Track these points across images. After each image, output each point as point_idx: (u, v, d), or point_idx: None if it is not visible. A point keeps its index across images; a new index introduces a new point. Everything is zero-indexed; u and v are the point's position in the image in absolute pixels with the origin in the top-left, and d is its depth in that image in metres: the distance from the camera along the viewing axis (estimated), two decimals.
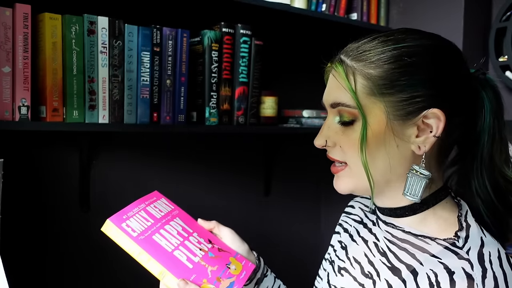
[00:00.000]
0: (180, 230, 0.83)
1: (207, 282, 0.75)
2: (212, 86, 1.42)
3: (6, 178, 0.92)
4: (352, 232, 0.86)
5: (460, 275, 0.62)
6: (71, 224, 1.44)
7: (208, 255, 0.80)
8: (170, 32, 1.32)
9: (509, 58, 1.68)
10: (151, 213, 0.83)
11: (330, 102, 0.71)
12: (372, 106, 0.66)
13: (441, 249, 0.67)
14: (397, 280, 0.69)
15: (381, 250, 0.75)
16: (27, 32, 1.09)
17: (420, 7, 1.79)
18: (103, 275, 1.50)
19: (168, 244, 0.78)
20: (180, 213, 0.89)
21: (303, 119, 1.68)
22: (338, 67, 0.69)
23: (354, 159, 0.69)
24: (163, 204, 0.88)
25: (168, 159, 1.61)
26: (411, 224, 0.71)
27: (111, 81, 1.23)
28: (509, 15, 1.69)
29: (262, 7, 1.45)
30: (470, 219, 0.70)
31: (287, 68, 1.86)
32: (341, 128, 0.70)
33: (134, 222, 0.78)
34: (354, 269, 0.78)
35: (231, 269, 0.80)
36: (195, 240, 0.82)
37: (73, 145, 1.43)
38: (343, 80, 0.68)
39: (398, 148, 0.67)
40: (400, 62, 0.66)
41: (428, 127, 0.66)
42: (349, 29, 1.76)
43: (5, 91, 1.08)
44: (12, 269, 0.88)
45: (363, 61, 0.67)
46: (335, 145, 0.71)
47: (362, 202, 0.90)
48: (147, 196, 0.88)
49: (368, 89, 0.66)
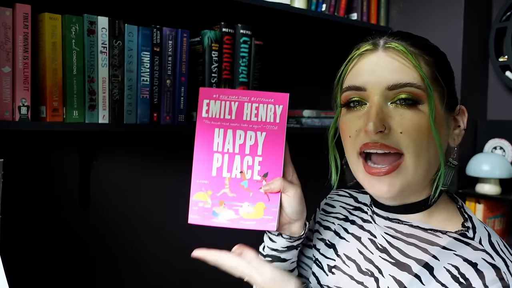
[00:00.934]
0: (247, 143, 0.73)
1: (210, 196, 0.73)
2: (212, 86, 1.42)
3: (6, 178, 0.92)
4: (337, 229, 0.83)
5: (484, 265, 0.61)
6: (71, 224, 1.44)
7: (241, 181, 0.74)
8: (170, 32, 1.32)
9: (509, 58, 1.68)
10: (242, 111, 0.73)
11: (390, 83, 0.65)
12: (433, 91, 0.66)
13: (451, 240, 0.67)
14: (407, 275, 0.67)
15: (380, 247, 0.73)
16: (27, 32, 1.09)
17: (420, 7, 1.79)
18: (103, 275, 1.50)
19: (220, 144, 0.73)
20: (276, 132, 0.74)
21: (303, 119, 1.68)
22: (401, 48, 0.66)
23: (414, 146, 0.64)
24: (269, 112, 0.74)
25: (168, 159, 1.61)
26: (418, 218, 0.70)
27: (111, 81, 1.23)
28: (509, 15, 1.69)
29: (262, 7, 1.45)
30: (468, 211, 0.72)
31: (287, 68, 1.86)
32: (398, 112, 0.65)
33: (216, 106, 0.73)
34: (349, 267, 0.77)
35: (243, 208, 0.73)
36: (249, 161, 0.73)
37: (73, 145, 1.43)
38: (411, 60, 0.65)
39: (445, 138, 0.69)
40: (443, 56, 0.71)
41: (457, 122, 0.71)
42: (349, 29, 1.76)
43: (5, 91, 1.08)
44: (12, 269, 0.88)
45: (420, 48, 0.68)
46: (390, 131, 0.65)
47: (342, 201, 0.88)
48: (269, 94, 0.74)
49: (431, 73, 0.67)
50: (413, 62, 0.65)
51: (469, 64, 1.69)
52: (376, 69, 0.67)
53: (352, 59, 0.70)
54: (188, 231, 1.61)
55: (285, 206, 0.73)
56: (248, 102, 0.73)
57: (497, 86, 1.78)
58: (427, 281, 0.65)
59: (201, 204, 0.73)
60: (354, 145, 0.68)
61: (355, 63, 0.70)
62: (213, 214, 0.73)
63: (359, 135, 0.67)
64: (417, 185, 0.67)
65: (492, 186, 1.63)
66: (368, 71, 0.67)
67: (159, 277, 1.59)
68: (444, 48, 0.76)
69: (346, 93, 0.70)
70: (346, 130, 0.70)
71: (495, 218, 1.69)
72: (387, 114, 0.65)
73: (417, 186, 0.68)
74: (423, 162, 0.65)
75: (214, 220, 0.73)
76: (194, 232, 1.66)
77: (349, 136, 0.69)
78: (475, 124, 1.77)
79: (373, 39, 0.70)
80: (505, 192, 1.64)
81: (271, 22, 1.64)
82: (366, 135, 0.65)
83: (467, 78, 1.68)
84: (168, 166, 1.61)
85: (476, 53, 1.73)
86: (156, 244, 1.59)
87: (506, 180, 1.66)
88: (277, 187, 0.72)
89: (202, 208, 0.73)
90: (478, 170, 1.63)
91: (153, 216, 1.59)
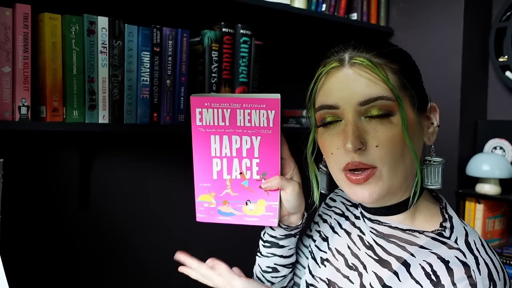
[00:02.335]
0: (244, 147, 0.75)
1: (214, 196, 0.77)
2: (212, 86, 1.42)
3: (6, 178, 0.92)
4: (333, 224, 0.87)
5: (456, 263, 0.64)
6: (71, 223, 1.44)
7: (241, 181, 0.76)
8: (170, 32, 1.32)
9: (509, 58, 1.68)
10: (235, 117, 0.74)
11: (360, 99, 0.66)
12: (403, 99, 0.68)
13: (428, 239, 0.69)
14: (387, 272, 0.70)
15: (367, 244, 0.76)
16: (27, 32, 1.09)
17: (420, 7, 1.79)
18: (102, 275, 1.50)
19: (217, 149, 0.75)
20: (270, 135, 0.75)
21: (303, 119, 1.68)
22: (367, 63, 0.67)
23: (389, 159, 0.66)
24: (262, 117, 0.74)
25: (168, 159, 1.61)
26: (399, 220, 0.73)
27: (111, 81, 1.23)
28: (509, 15, 1.69)
29: (262, 7, 1.45)
30: (450, 211, 0.74)
31: (287, 68, 1.86)
32: (371, 125, 0.67)
33: (209, 114, 0.73)
34: (338, 260, 0.80)
35: (247, 206, 0.77)
36: (247, 163, 0.76)
37: (73, 145, 1.43)
38: (378, 73, 0.67)
39: (419, 140, 0.71)
40: (408, 58, 0.73)
41: (430, 120, 0.73)
42: (349, 29, 1.76)
43: (5, 91, 1.08)
44: (12, 269, 0.88)
45: (385, 57, 0.69)
46: (367, 146, 0.66)
47: (343, 196, 0.91)
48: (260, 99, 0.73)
49: (398, 82, 0.68)
50: (381, 76, 0.66)
51: (469, 64, 1.69)
52: (345, 86, 0.68)
53: (320, 77, 0.72)
54: (189, 230, 1.62)
55: (284, 202, 0.78)
56: (240, 109, 0.73)
57: (497, 86, 1.78)
58: (403, 278, 0.68)
59: (206, 205, 0.78)
60: (337, 163, 0.70)
61: (323, 81, 0.71)
62: (218, 212, 0.78)
63: (340, 152, 0.69)
64: (397, 189, 0.70)
65: (492, 186, 1.63)
66: (338, 89, 0.68)
67: (159, 276, 1.59)
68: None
69: (319, 112, 0.71)
70: (327, 148, 0.71)
71: (495, 218, 1.69)
72: (362, 130, 0.67)
73: (397, 190, 0.70)
74: (400, 170, 0.68)
75: (219, 217, 0.78)
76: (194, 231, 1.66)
77: (331, 154, 0.71)
78: (475, 124, 1.77)
79: (338, 53, 0.71)
80: (505, 192, 1.64)
81: (271, 22, 1.64)
82: (346, 153, 0.68)
83: (467, 78, 1.68)
84: (168, 166, 1.61)
85: (476, 53, 1.73)
86: (156, 244, 1.59)
87: (506, 180, 1.66)
88: (275, 185, 0.76)
89: (208, 208, 0.78)
90: (478, 170, 1.63)
91: (153, 216, 1.59)
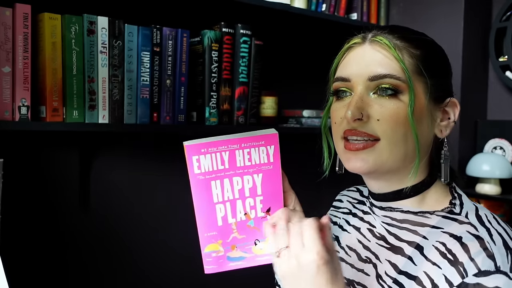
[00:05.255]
0: (246, 187, 0.74)
1: (221, 244, 0.73)
2: (212, 86, 1.42)
3: (6, 178, 0.92)
4: (341, 223, 0.89)
5: (468, 237, 0.65)
6: (71, 223, 1.44)
7: (247, 222, 0.75)
8: (170, 32, 1.32)
9: (509, 58, 1.68)
10: (234, 158, 0.73)
11: (370, 75, 0.70)
12: (416, 83, 0.69)
13: (439, 218, 0.70)
14: (401, 258, 0.71)
15: (378, 235, 0.77)
16: (27, 32, 1.09)
17: (420, 7, 1.79)
18: (102, 275, 1.50)
19: (219, 195, 0.73)
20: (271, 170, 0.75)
21: (303, 119, 1.68)
22: (385, 42, 0.70)
23: (390, 133, 0.68)
24: (262, 154, 0.74)
25: (167, 159, 1.61)
26: (409, 203, 0.74)
27: (111, 81, 1.23)
28: (509, 15, 1.69)
29: (262, 7, 1.45)
30: (459, 190, 0.76)
31: (287, 68, 1.85)
32: (379, 101, 0.69)
33: (207, 160, 0.71)
34: (350, 257, 0.80)
35: (256, 246, 0.74)
36: (250, 202, 0.74)
37: (73, 145, 1.43)
38: (393, 53, 0.69)
39: (428, 129, 0.71)
40: (436, 49, 0.74)
41: (447, 114, 0.74)
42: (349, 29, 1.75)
43: (5, 91, 1.08)
44: (12, 269, 0.88)
45: (407, 41, 0.71)
46: (369, 118, 0.69)
47: (349, 195, 0.94)
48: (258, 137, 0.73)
49: (414, 66, 0.70)
50: (395, 55, 0.69)
51: (469, 64, 1.69)
52: (360, 61, 0.72)
53: (343, 51, 0.77)
54: (188, 231, 1.61)
55: None
56: (239, 149, 0.72)
57: (497, 86, 1.78)
58: (419, 261, 0.68)
59: (214, 254, 0.74)
60: (338, 131, 0.73)
61: (345, 55, 0.76)
62: (228, 259, 0.74)
63: (343, 122, 0.72)
64: (393, 169, 0.71)
65: (492, 186, 1.63)
66: (353, 63, 0.73)
67: (159, 277, 1.59)
68: (444, 48, 0.77)
69: (335, 83, 0.75)
70: (333, 117, 0.75)
71: None
72: (367, 104, 0.70)
73: (393, 169, 0.71)
74: (399, 148, 0.69)
75: (230, 264, 0.74)
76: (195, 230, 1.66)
77: (335, 122, 0.75)
78: (475, 124, 1.77)
79: (364, 32, 0.75)
80: (505, 192, 1.64)
81: (271, 22, 1.64)
82: (347, 123, 0.71)
83: (467, 78, 1.68)
84: (168, 166, 1.61)
85: (476, 53, 1.73)
86: (156, 244, 1.59)
87: (506, 180, 1.66)
88: None
89: (216, 257, 0.74)
90: (478, 170, 1.63)
91: (153, 216, 1.59)
